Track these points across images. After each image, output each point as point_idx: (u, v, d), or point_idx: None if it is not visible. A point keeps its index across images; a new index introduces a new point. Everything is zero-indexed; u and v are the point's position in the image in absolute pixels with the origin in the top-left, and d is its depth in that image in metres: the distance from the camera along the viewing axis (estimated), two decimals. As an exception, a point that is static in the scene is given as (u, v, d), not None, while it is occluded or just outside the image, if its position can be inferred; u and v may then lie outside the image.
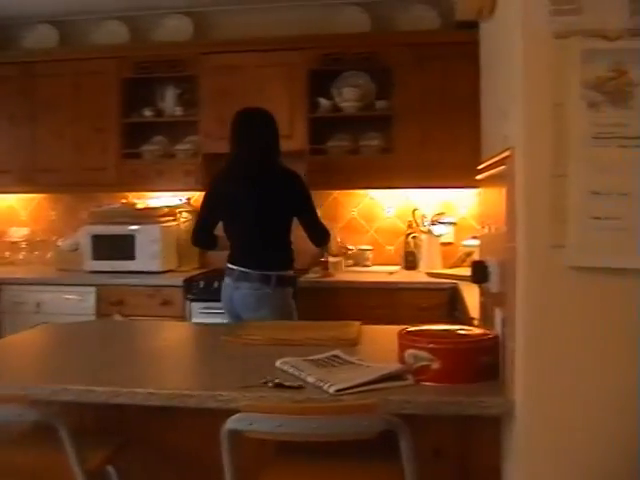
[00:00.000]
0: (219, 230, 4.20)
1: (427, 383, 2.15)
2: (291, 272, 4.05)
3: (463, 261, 4.96)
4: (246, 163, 4.02)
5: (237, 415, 1.87)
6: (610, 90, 1.83)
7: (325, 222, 5.36)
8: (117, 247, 5.14)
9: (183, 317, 4.83)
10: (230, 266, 4.06)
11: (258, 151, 4.01)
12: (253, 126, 4.05)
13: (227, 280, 4.08)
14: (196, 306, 4.84)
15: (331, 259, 4.90)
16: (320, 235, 4.14)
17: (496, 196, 2.30)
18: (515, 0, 1.95)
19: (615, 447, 1.88)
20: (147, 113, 5.40)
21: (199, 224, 4.24)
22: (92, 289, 4.97)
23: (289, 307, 4.00)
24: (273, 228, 4.01)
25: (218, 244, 4.25)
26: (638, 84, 1.82)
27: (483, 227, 2.74)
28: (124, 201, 5.57)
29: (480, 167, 2.75)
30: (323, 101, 5.14)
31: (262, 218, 3.97)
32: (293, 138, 5.07)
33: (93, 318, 4.87)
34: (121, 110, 5.36)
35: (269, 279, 3.90)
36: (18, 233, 5.86)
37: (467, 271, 2.77)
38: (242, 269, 3.98)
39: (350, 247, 5.30)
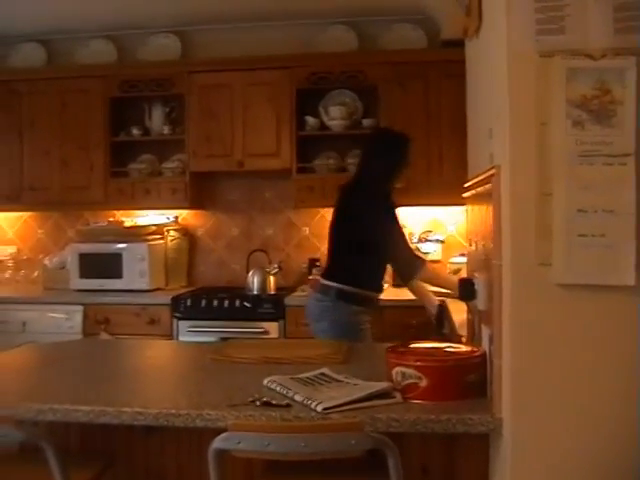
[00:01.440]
0: None
1: (415, 401, 2.15)
2: (356, 289, 3.83)
3: (451, 278, 4.97)
4: (350, 180, 4.05)
5: (224, 434, 1.86)
6: (594, 108, 1.85)
7: (312, 241, 5.42)
8: (104, 265, 5.13)
9: (170, 336, 4.82)
10: None
11: (359, 172, 4.03)
12: (366, 147, 4.11)
13: None
14: (183, 324, 4.83)
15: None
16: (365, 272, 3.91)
17: (483, 214, 2.31)
18: (500, 19, 1.96)
19: (603, 464, 1.88)
20: (134, 132, 5.40)
21: None
22: (79, 308, 4.95)
23: (353, 325, 3.82)
24: (344, 245, 3.95)
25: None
26: (622, 102, 1.84)
27: (470, 245, 2.75)
28: (111, 219, 5.55)
29: (466, 185, 2.76)
30: (310, 119, 5.16)
31: (337, 233, 4.00)
32: (280, 157, 5.09)
33: (79, 337, 4.84)
34: (108, 128, 5.35)
35: (329, 291, 3.85)
36: (4, 252, 5.82)
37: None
38: (319, 278, 4.03)
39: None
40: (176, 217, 5.59)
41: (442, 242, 5.19)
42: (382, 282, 4.01)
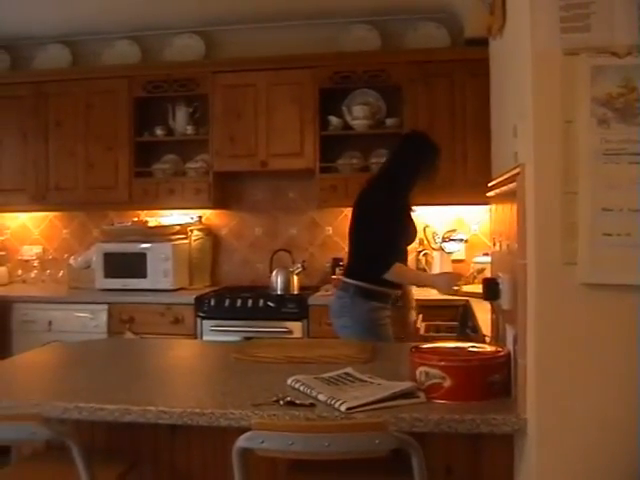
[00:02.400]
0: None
1: (439, 401, 2.14)
2: (373, 285, 3.79)
3: (475, 278, 4.94)
4: (372, 177, 4.04)
5: (248, 433, 1.87)
6: (620, 106, 1.83)
7: (336, 240, 5.41)
8: (129, 265, 5.16)
9: (194, 335, 4.85)
10: None
11: (382, 170, 4.01)
12: (396, 147, 4.08)
13: None
14: (207, 324, 4.85)
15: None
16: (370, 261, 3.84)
17: (507, 213, 2.30)
18: (524, 17, 1.95)
19: (630, 465, 1.86)
20: (158, 132, 5.43)
21: None
22: (104, 307, 4.99)
23: (372, 321, 3.79)
24: (360, 241, 3.94)
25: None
26: (648, 100, 1.82)
27: (494, 244, 2.73)
28: (136, 219, 5.59)
29: (491, 184, 2.75)
30: (333, 119, 5.16)
31: (353, 230, 3.99)
32: (303, 156, 5.10)
33: (104, 336, 4.88)
34: (132, 129, 5.40)
35: (348, 288, 3.86)
36: (30, 251, 5.88)
37: (479, 288, 2.76)
38: (341, 276, 4.05)
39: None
40: (200, 217, 5.62)
41: (466, 241, 5.18)
42: None
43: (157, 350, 3.37)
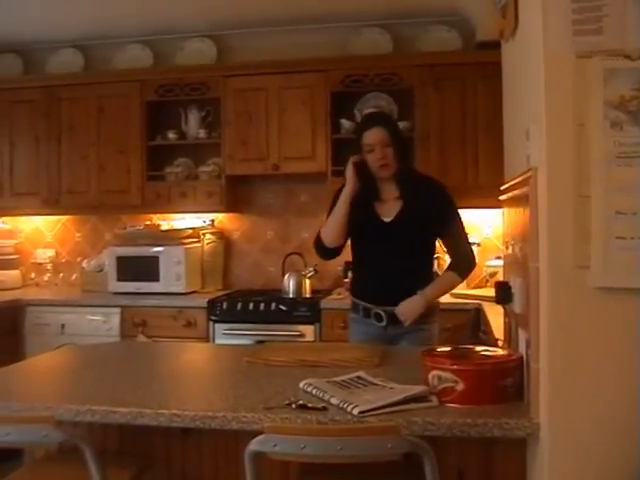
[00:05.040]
0: None
1: (451, 405, 2.14)
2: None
3: (487, 282, 4.94)
4: None
5: (261, 437, 1.87)
6: (633, 109, 1.83)
7: (348, 244, 5.41)
8: (141, 268, 5.18)
9: (206, 338, 4.85)
10: None
11: None
12: None
13: None
14: (219, 327, 4.85)
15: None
16: None
17: (519, 216, 2.29)
18: (537, 20, 1.95)
19: (642, 469, 1.86)
20: (171, 135, 5.44)
21: None
22: (116, 310, 5.00)
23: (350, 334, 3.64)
24: None
25: None
26: (661, 103, 1.81)
27: (507, 247, 2.73)
28: (148, 223, 5.60)
29: (503, 187, 2.74)
30: (345, 122, 5.16)
31: None
32: (315, 160, 5.10)
33: (117, 339, 4.89)
34: (145, 133, 5.41)
35: None
36: (43, 255, 5.91)
37: (491, 292, 2.76)
38: None
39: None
40: (212, 220, 5.62)
41: (478, 245, 5.15)
42: (366, 287, 3.54)
43: (169, 353, 3.38)
